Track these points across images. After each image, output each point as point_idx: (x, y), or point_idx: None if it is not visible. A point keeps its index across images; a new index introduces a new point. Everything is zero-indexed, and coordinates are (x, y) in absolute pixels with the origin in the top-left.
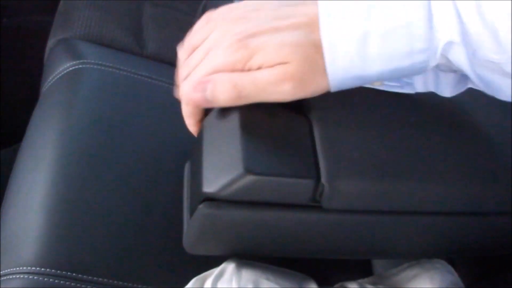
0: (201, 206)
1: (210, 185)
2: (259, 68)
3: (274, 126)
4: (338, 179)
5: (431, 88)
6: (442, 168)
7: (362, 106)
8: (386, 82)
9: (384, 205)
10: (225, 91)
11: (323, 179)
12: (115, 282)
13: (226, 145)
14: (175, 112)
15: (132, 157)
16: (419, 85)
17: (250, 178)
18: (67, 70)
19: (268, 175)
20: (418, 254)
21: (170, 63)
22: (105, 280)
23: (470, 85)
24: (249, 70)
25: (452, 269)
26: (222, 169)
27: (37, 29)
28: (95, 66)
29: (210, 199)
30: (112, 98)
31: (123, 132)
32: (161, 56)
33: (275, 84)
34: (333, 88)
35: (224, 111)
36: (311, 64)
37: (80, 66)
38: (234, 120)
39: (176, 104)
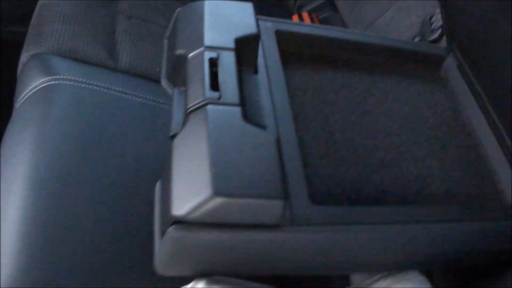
0: (170, 229)
1: (179, 208)
2: None
3: (243, 145)
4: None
5: None
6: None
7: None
8: None
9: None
10: None
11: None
12: None
13: (195, 166)
14: (148, 127)
15: (106, 174)
16: None
17: (218, 200)
18: (40, 86)
19: (236, 197)
20: (393, 267)
21: (143, 76)
22: None
23: None
24: None
25: (424, 279)
26: (190, 191)
27: (14, 39)
28: (68, 82)
29: (180, 221)
30: (85, 115)
31: (97, 149)
32: (135, 70)
33: None
34: None
35: (193, 130)
36: None
37: (53, 82)
38: (202, 141)
39: (150, 118)
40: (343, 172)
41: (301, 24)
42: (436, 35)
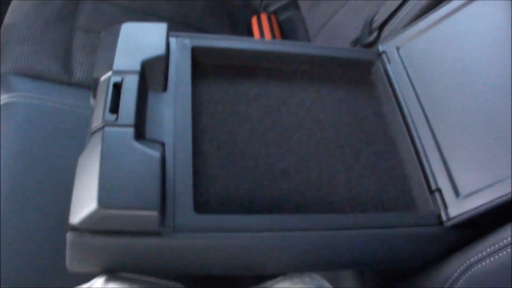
0: (68, 234)
1: (74, 217)
2: None
3: (130, 163)
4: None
5: None
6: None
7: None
8: None
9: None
10: None
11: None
12: None
13: (88, 182)
14: None
15: (54, 186)
16: None
17: (102, 211)
18: None
19: (118, 209)
20: (288, 270)
21: None
22: None
23: None
24: None
25: (322, 283)
26: (82, 203)
27: None
28: (23, 99)
29: (76, 228)
30: (37, 131)
31: (46, 161)
32: (89, 81)
33: None
34: None
35: (91, 150)
36: None
37: (10, 99)
38: (95, 160)
39: None
40: (241, 182)
41: (221, 38)
42: (371, 38)
